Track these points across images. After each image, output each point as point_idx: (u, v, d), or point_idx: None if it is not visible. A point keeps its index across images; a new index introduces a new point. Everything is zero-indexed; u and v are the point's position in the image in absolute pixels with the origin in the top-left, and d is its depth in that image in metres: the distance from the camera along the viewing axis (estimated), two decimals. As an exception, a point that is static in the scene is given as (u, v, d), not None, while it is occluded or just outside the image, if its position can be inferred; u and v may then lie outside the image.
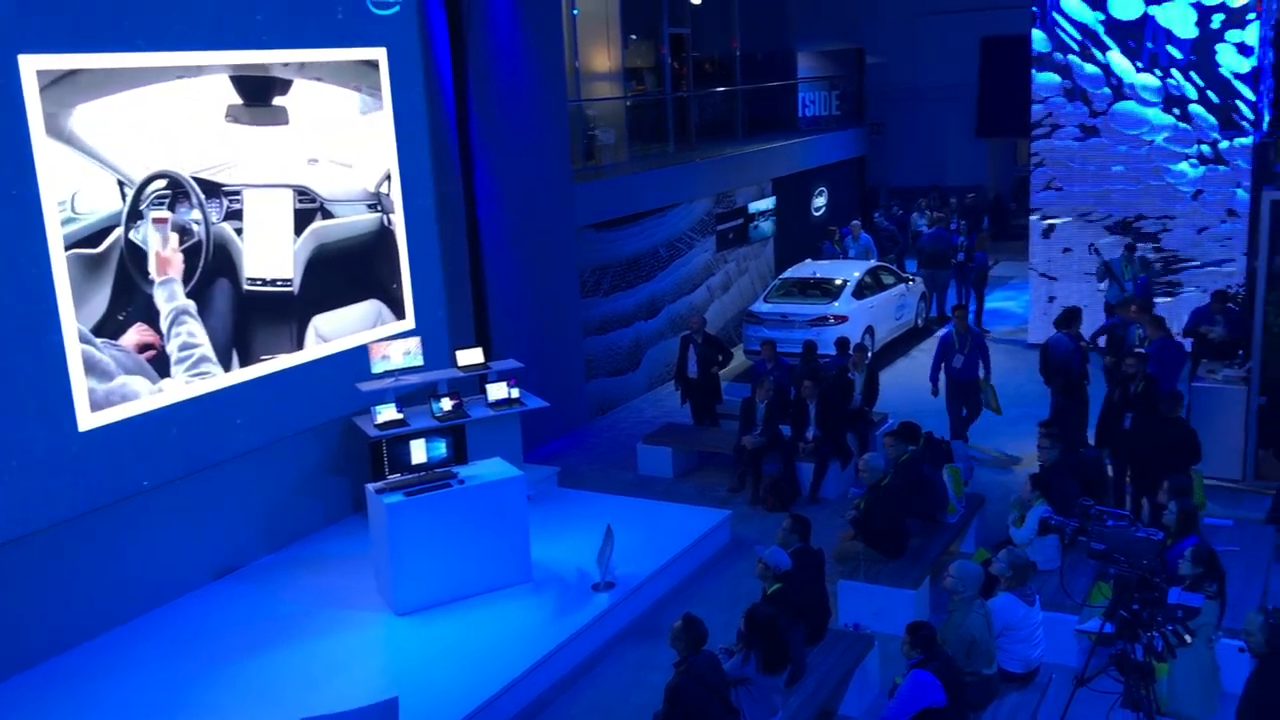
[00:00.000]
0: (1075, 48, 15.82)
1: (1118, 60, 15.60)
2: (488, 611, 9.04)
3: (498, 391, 11.04)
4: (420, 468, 9.18)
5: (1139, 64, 15.47)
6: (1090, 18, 15.65)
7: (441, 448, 9.27)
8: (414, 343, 10.93)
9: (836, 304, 15.78)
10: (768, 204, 19.14)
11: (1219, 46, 15.04)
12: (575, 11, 16.61)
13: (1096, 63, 15.73)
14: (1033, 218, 16.67)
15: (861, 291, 16.25)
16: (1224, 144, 15.19)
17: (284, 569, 10.09)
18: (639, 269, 15.71)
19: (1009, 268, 21.49)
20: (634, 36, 19.30)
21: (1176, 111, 15.40)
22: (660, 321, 16.24)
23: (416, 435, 9.33)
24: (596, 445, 13.93)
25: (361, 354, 10.70)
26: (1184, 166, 15.48)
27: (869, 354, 14.40)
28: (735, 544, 10.72)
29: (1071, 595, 7.43)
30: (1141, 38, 15.41)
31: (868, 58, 25.03)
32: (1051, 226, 16.45)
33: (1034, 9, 15.96)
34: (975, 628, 6.99)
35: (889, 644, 7.92)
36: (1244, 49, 14.89)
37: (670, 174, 16.54)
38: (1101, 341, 12.85)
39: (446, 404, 10.66)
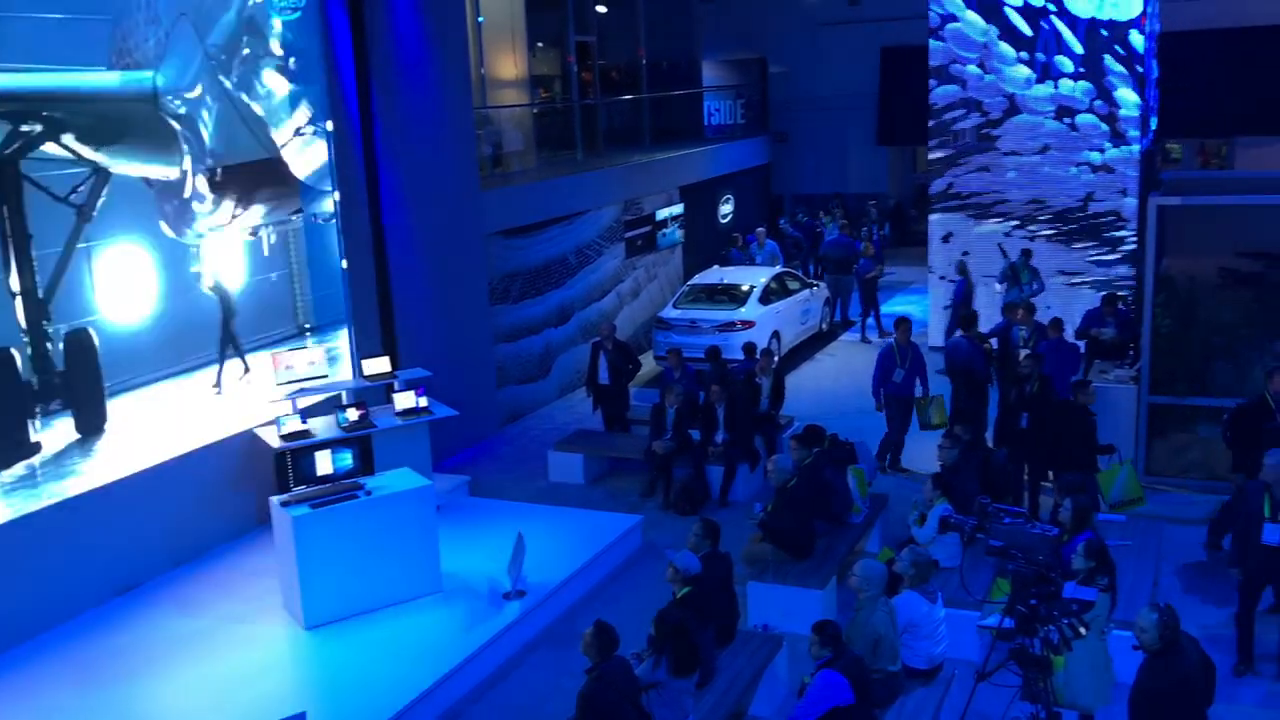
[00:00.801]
0: (972, 59, 16.24)
1: (1012, 72, 16.05)
2: (397, 623, 8.95)
3: (405, 400, 10.94)
4: (326, 479, 9.05)
5: (1033, 75, 15.95)
6: (985, 30, 16.09)
7: (348, 459, 9.16)
8: (319, 352, 10.78)
9: (744, 309, 15.97)
10: (675, 211, 19.28)
11: (1106, 57, 15.58)
12: (480, 19, 16.56)
13: (992, 74, 16.17)
14: (932, 221, 17.05)
15: (768, 297, 16.47)
16: (1112, 152, 15.72)
17: (187, 585, 9.86)
18: (549, 276, 15.70)
19: (911, 273, 21.93)
20: (540, 44, 19.31)
21: (1067, 121, 15.90)
22: (571, 328, 16.25)
23: (322, 446, 9.20)
24: (507, 453, 13.88)
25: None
26: (1074, 173, 15.98)
27: (775, 358, 14.62)
28: (647, 549, 10.78)
29: (972, 592, 7.62)
30: (1034, 49, 15.89)
31: (771, 67, 25.38)
32: (950, 233, 16.84)
33: (931, 21, 16.35)
34: (880, 625, 7.14)
35: (798, 643, 8.01)
36: (1130, 61, 15.44)
37: (578, 181, 16.57)
38: (994, 344, 13.20)
39: (352, 414, 10.53)
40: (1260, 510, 7.90)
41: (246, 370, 11.11)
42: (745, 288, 16.47)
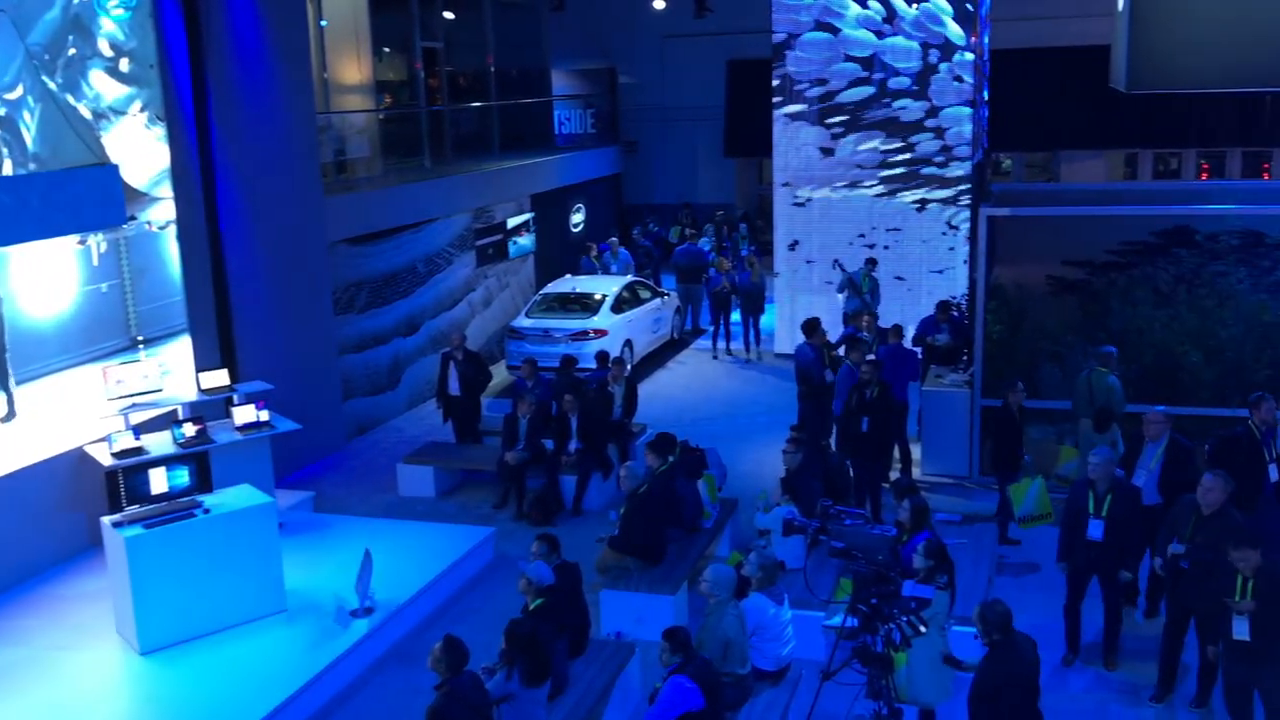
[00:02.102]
0: (814, 74, 16.68)
1: (851, 89, 16.55)
2: (239, 645, 8.65)
3: (245, 414, 10.59)
4: (161, 498, 8.69)
5: (869, 92, 16.48)
6: (826, 51, 16.56)
7: (184, 476, 8.82)
8: (152, 365, 10.35)
9: (596, 318, 16.02)
10: (527, 220, 19.22)
11: (935, 78, 16.20)
12: (323, 23, 16.19)
13: (834, 89, 16.65)
14: (777, 233, 17.42)
15: (620, 306, 16.57)
16: (945, 165, 16.35)
17: (11, 611, 9.32)
18: (397, 285, 15.44)
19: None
20: (387, 50, 18.99)
21: (903, 136, 16.46)
22: (420, 338, 16.01)
23: (156, 463, 8.82)
24: (355, 467, 13.59)
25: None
26: (911, 184, 16.56)
27: (628, 367, 14.72)
28: (500, 561, 10.69)
29: (816, 592, 7.81)
30: (872, 68, 16.42)
31: (620, 77, 25.57)
32: (796, 241, 17.24)
33: (776, 39, 16.74)
34: (730, 629, 7.24)
35: (650, 650, 8.06)
36: (961, 79, 16.10)
37: (426, 188, 16.36)
38: (842, 351, 13.56)
39: (189, 429, 10.14)
40: (1085, 507, 8.31)
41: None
42: (598, 297, 16.52)
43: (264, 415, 10.67)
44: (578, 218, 22.15)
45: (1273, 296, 11.22)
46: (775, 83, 16.90)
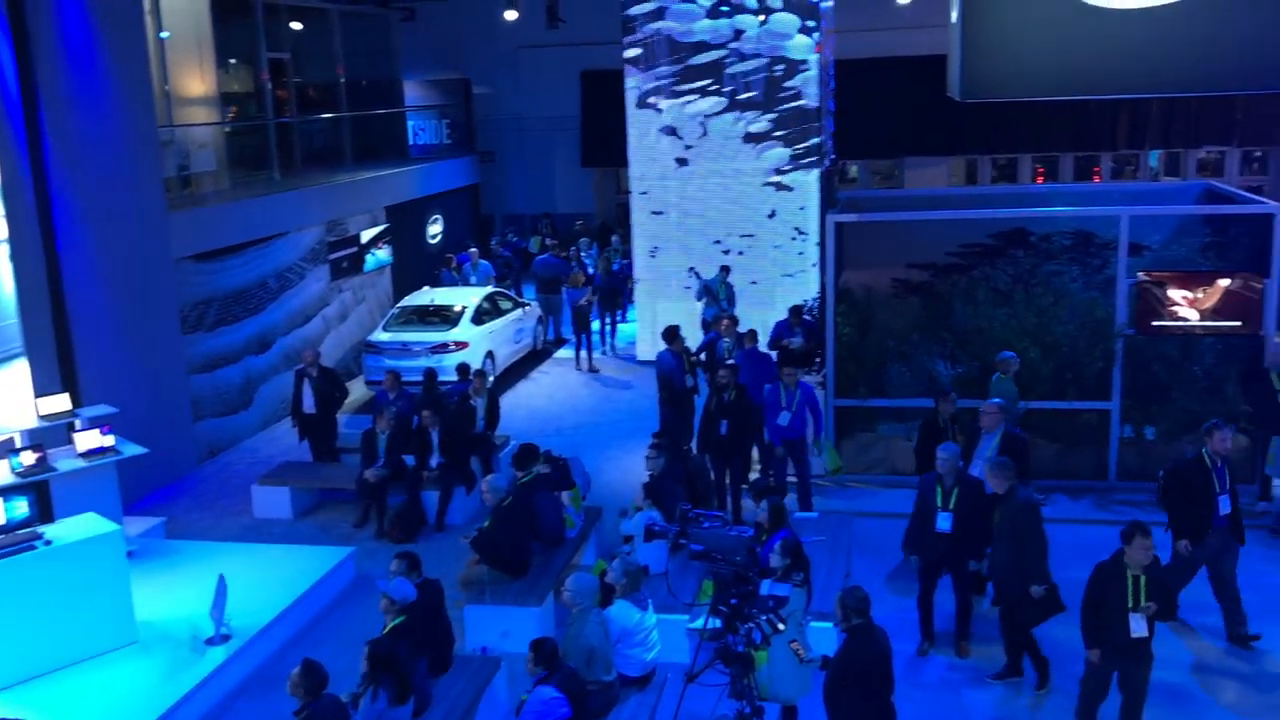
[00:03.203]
0: (667, 87, 16.90)
1: (702, 101, 16.82)
2: (88, 679, 8.32)
3: (88, 440, 10.18)
4: (-2, 531, 8.30)
5: (720, 104, 16.78)
6: (676, 65, 16.80)
7: (23, 506, 8.45)
8: (-15, 393, 9.87)
9: (457, 330, 15.88)
10: (382, 232, 18.94)
11: (786, 87, 16.59)
12: (164, 35, 15.68)
13: (685, 102, 16.90)
14: (635, 243, 17.58)
15: (481, 317, 16.47)
16: (793, 173, 16.77)
17: None
18: (247, 301, 15.04)
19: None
20: (233, 61, 18.49)
21: (753, 145, 16.81)
22: (273, 356, 15.62)
23: (-9, 495, 8.43)
24: (208, 490, 13.18)
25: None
26: (762, 191, 16.92)
27: (490, 379, 14.65)
28: (361, 581, 10.51)
29: (678, 596, 7.92)
30: (722, 81, 16.72)
31: (475, 87, 25.43)
32: (656, 249, 17.43)
33: (626, 57, 16.92)
34: (593, 637, 7.29)
35: (517, 663, 8.05)
36: (806, 90, 16.52)
37: (276, 201, 15.99)
38: (703, 356, 13.78)
39: (27, 458, 9.69)
40: (934, 500, 8.63)
41: None
42: (457, 308, 16.39)
43: (109, 440, 10.27)
44: (435, 229, 21.93)
45: (1104, 293, 11.83)
46: (629, 94, 17.06)
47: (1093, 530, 10.73)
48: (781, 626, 6.75)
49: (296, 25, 19.61)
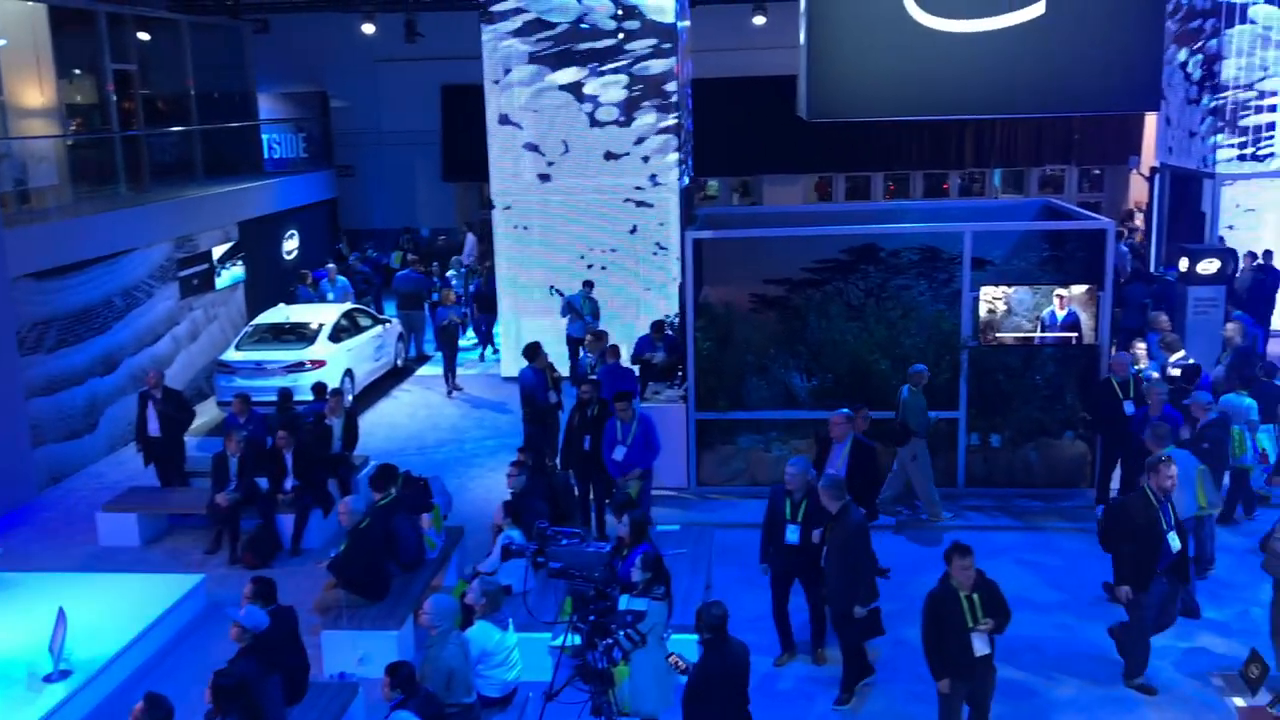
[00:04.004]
0: (527, 102, 16.91)
1: (561, 116, 16.87)
2: (-89, 726, 7.85)
3: (-87, 471, 9.62)
4: None
5: (580, 120, 16.86)
6: (537, 80, 16.82)
7: None
8: None
9: (313, 348, 15.54)
10: (234, 248, 18.42)
11: (641, 108, 16.75)
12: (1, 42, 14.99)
13: (544, 117, 16.93)
14: (499, 257, 17.50)
15: (338, 335, 16.16)
16: (653, 190, 16.94)
17: None
18: (91, 321, 14.43)
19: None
20: (77, 71, 17.76)
21: (614, 162, 16.93)
22: (120, 377, 15.02)
23: None
24: (50, 519, 12.61)
25: None
26: (624, 208, 17.03)
27: (349, 398, 14.38)
28: (213, 608, 10.18)
29: (537, 615, 7.89)
30: (581, 98, 16.79)
31: (332, 101, 25.00)
32: (519, 267, 17.38)
33: (491, 74, 16.87)
34: (453, 659, 7.21)
35: (376, 688, 7.88)
36: (665, 108, 16.73)
37: (122, 217, 15.42)
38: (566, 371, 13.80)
39: None
40: (783, 512, 8.78)
41: None
42: (314, 326, 16.04)
43: (-65, 470, 9.73)
44: (291, 245, 21.43)
45: (950, 307, 12.27)
46: (489, 111, 17.00)
47: (947, 535, 11.18)
48: (640, 641, 6.80)
49: (144, 36, 18.95)
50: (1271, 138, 18.36)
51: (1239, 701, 7.51)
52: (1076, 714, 8.30)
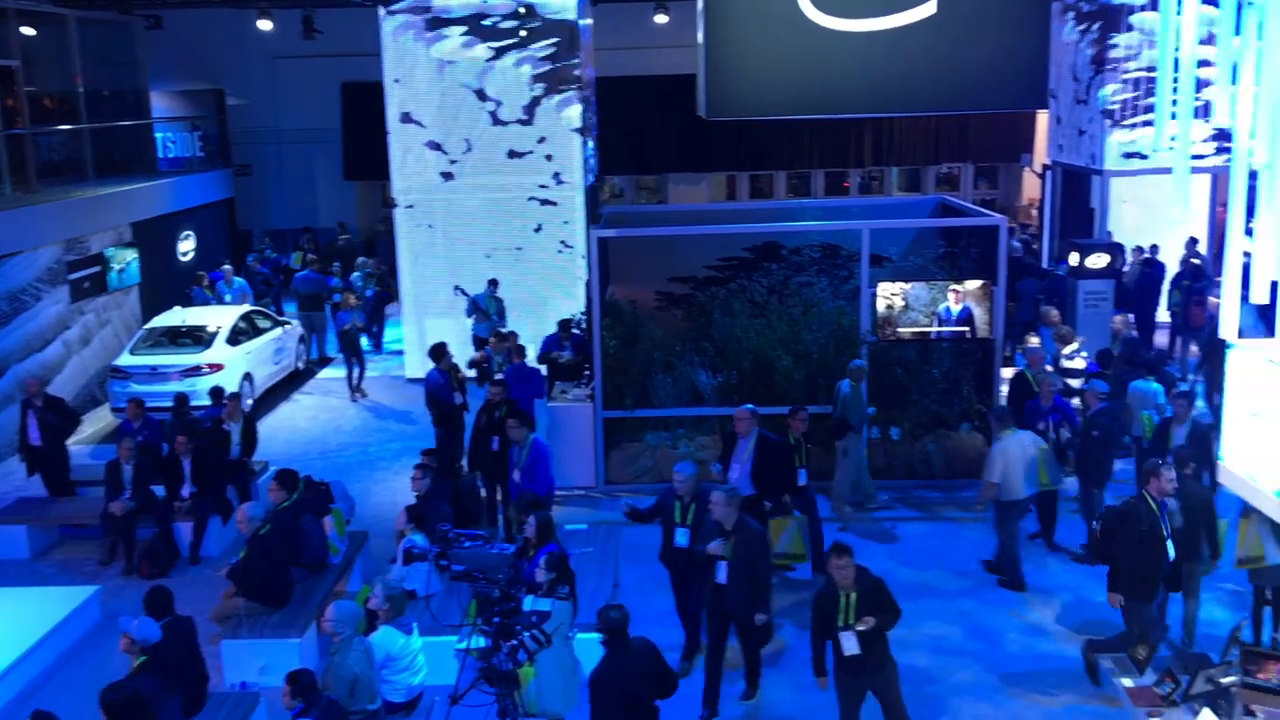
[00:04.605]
0: (431, 102, 16.75)
1: (465, 116, 16.75)
2: None
3: None
4: None
5: (483, 120, 16.75)
6: (440, 82, 16.68)
7: None
8: None
9: (210, 352, 15.19)
10: (128, 249, 17.90)
11: (543, 106, 16.71)
12: None
13: (446, 117, 16.79)
14: (400, 257, 17.29)
15: (236, 338, 15.81)
16: (557, 188, 16.90)
17: None
18: (-26, 328, 13.93)
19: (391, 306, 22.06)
20: (-46, 67, 17.10)
21: (518, 161, 16.85)
22: (6, 384, 14.49)
23: None
24: (-69, 534, 12.10)
25: None
26: (528, 206, 16.97)
27: (247, 402, 14.08)
28: (108, 621, 9.84)
29: (441, 618, 7.83)
30: (485, 98, 16.69)
31: (229, 99, 24.45)
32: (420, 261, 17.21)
33: (392, 74, 16.68)
34: (356, 665, 7.12)
35: (278, 698, 7.73)
36: (568, 107, 16.71)
37: (6, 218, 14.86)
38: (474, 372, 13.68)
39: None
40: (673, 515, 8.76)
41: None
42: (211, 329, 15.67)
43: None
44: (187, 246, 20.90)
45: (850, 303, 12.48)
46: (390, 109, 16.81)
47: (852, 528, 11.42)
48: (545, 641, 6.80)
49: (28, 31, 18.30)
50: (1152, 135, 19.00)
51: (1127, 682, 7.76)
52: (976, 700, 8.51)
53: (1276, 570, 8.51)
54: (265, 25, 21.06)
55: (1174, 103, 6.25)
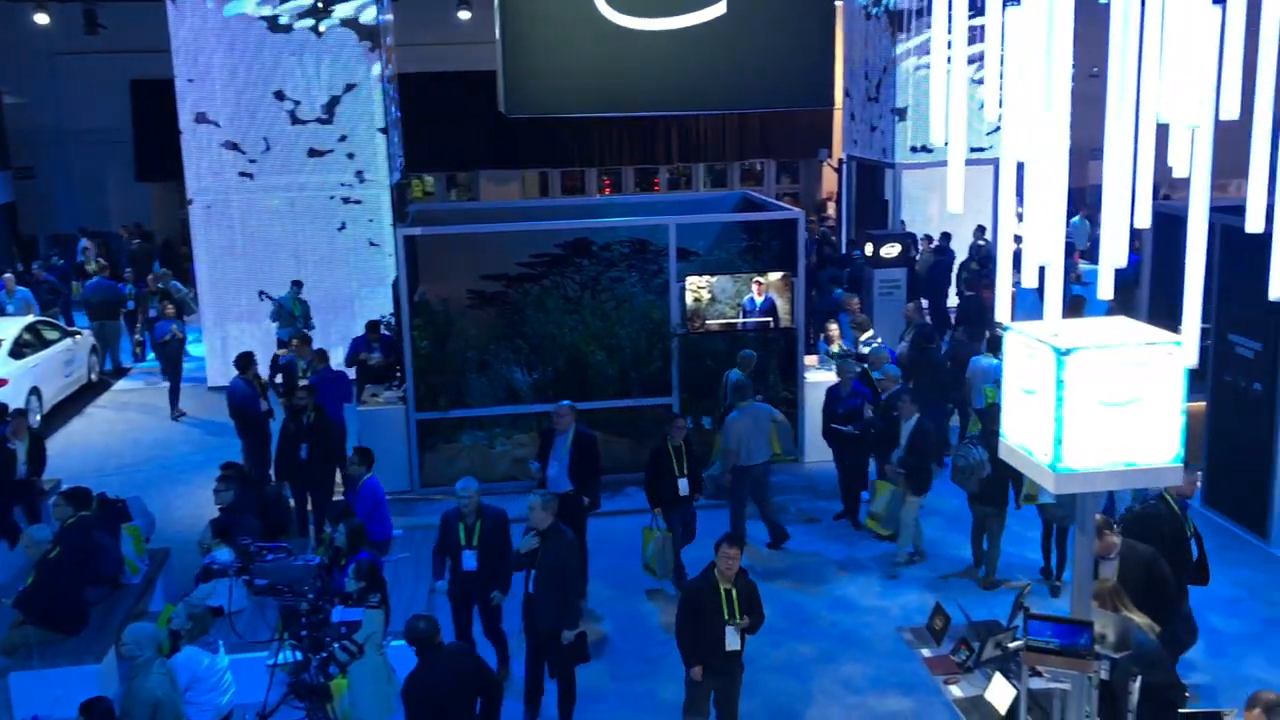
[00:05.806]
0: (230, 99, 16.15)
1: (264, 114, 16.22)
2: None
3: None
4: None
5: (282, 119, 16.27)
6: (234, 80, 16.11)
7: None
8: None
9: (-9, 367, 14.26)
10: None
11: (344, 103, 16.33)
12: None
13: (243, 116, 16.24)
14: (198, 262, 16.64)
15: (21, 350, 14.91)
16: (361, 187, 16.57)
17: None
18: None
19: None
20: None
21: (319, 160, 16.44)
22: None
23: None
24: None
25: None
26: (330, 205, 16.57)
27: (33, 418, 13.30)
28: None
29: (247, 634, 7.59)
30: (284, 97, 16.20)
31: (6, 97, 22.98)
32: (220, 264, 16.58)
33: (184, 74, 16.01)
34: (159, 688, 6.81)
35: (74, 729, 7.40)
36: (364, 103, 16.38)
37: None
38: (279, 379, 13.26)
39: None
40: (458, 538, 8.31)
41: None
42: (-9, 342, 14.72)
43: None
44: (-37, 255, 19.57)
45: (660, 297, 12.67)
46: (182, 109, 16.14)
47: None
48: (357, 651, 6.69)
49: None
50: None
51: (925, 652, 8.17)
52: (787, 676, 8.80)
53: (1057, 506, 9.50)
54: (43, 19, 19.90)
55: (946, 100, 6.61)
